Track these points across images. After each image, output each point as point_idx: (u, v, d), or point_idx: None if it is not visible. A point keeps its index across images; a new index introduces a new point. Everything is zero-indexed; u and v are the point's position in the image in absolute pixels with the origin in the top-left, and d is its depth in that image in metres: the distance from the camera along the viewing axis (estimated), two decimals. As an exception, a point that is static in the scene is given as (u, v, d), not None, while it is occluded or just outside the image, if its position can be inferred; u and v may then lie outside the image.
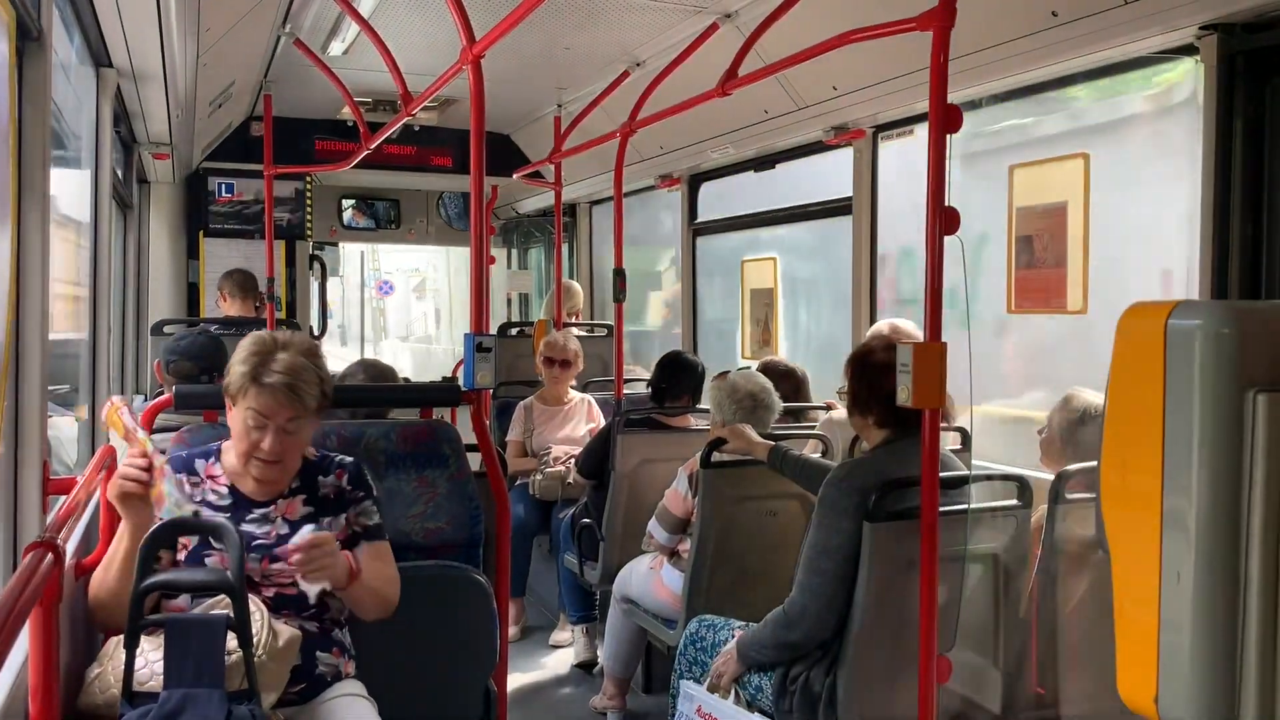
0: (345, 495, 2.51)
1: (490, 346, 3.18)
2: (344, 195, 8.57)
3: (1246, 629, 0.99)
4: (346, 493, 2.51)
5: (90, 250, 3.79)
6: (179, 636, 2.07)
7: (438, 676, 2.70)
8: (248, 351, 2.38)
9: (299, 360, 2.36)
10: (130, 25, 3.17)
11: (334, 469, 2.53)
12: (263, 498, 2.44)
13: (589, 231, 8.31)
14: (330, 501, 2.49)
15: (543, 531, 5.44)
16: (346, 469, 2.54)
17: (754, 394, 3.77)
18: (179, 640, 2.07)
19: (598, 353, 6.56)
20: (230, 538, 2.20)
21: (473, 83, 3.25)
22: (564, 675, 4.87)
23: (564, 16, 4.65)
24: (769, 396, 3.80)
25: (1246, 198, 2.97)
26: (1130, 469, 1.06)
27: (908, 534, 2.59)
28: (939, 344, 2.31)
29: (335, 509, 2.49)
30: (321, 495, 2.49)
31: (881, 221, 4.72)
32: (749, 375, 3.92)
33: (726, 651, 2.98)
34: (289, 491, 2.46)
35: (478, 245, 3.35)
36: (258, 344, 2.39)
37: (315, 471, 2.51)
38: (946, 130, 2.28)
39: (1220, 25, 2.93)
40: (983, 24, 3.36)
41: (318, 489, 2.49)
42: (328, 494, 2.50)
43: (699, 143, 5.63)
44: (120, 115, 4.44)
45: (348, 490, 2.52)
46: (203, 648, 2.06)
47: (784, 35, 3.72)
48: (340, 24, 4.98)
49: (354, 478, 2.54)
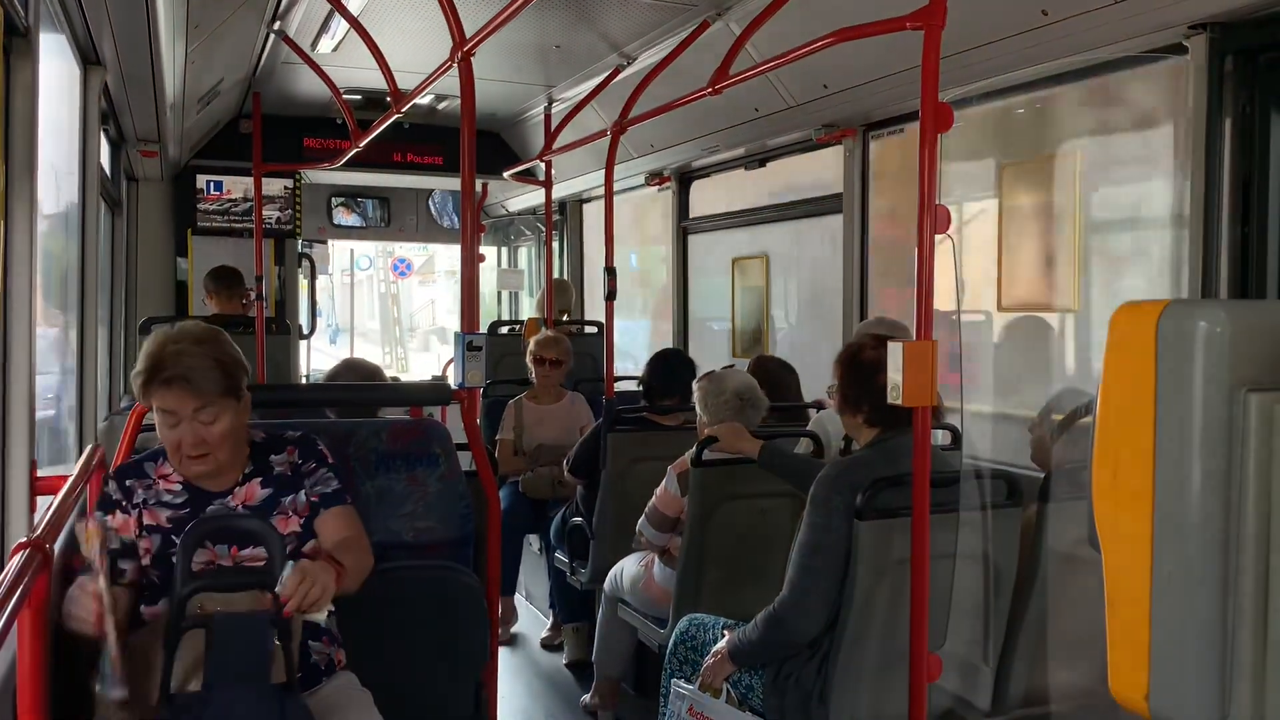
0: (299, 470, 2.51)
1: (481, 345, 3.18)
2: (333, 193, 8.55)
3: (1238, 627, 0.99)
4: (300, 466, 2.51)
5: (78, 248, 3.77)
6: (223, 634, 2.07)
7: (428, 676, 2.69)
8: (143, 356, 2.34)
9: (190, 349, 2.32)
10: (118, 22, 3.15)
11: (284, 446, 2.53)
12: (218, 488, 2.43)
13: (580, 229, 8.31)
14: (287, 479, 2.49)
15: (533, 531, 5.43)
16: (296, 444, 2.54)
17: (740, 393, 3.76)
18: (223, 638, 2.06)
19: (589, 351, 6.55)
20: (271, 538, 2.22)
21: (463, 80, 3.24)
22: (555, 675, 4.86)
23: (554, 14, 4.65)
24: (755, 395, 3.80)
25: (1235, 196, 2.98)
26: (1122, 467, 1.06)
27: (898, 532, 2.59)
28: (930, 342, 2.31)
29: (292, 486, 2.49)
30: (277, 474, 2.49)
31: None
32: (735, 373, 3.92)
33: (717, 651, 2.98)
34: (243, 477, 2.46)
35: (468, 243, 3.34)
36: (151, 345, 2.35)
37: (266, 452, 2.51)
38: (938, 129, 2.28)
39: (1209, 24, 2.93)
40: (973, 23, 3.36)
41: (271, 469, 2.49)
42: (283, 472, 2.49)
43: (690, 140, 5.62)
44: (108, 112, 4.42)
45: (301, 464, 2.51)
46: (247, 645, 2.07)
47: (775, 34, 3.72)
48: (330, 21, 4.95)
49: (305, 450, 2.54)
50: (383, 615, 2.56)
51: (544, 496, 5.23)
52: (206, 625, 2.08)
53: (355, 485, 2.75)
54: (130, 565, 2.35)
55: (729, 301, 6.10)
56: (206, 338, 2.38)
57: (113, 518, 2.37)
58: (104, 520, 2.34)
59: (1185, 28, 2.98)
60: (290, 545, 2.41)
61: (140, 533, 2.37)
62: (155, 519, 2.38)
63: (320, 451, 2.56)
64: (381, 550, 2.62)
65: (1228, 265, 3.00)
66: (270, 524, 2.30)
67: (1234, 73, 2.96)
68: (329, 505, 2.50)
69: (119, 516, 2.37)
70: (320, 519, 2.48)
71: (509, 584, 5.24)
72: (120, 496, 2.40)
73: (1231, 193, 2.98)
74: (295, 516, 2.47)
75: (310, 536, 2.48)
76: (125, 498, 2.39)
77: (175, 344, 2.33)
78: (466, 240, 3.33)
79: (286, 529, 2.42)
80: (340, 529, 2.48)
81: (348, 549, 2.46)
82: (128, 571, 2.35)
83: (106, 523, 2.34)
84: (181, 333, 2.37)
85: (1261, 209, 2.96)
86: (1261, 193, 2.96)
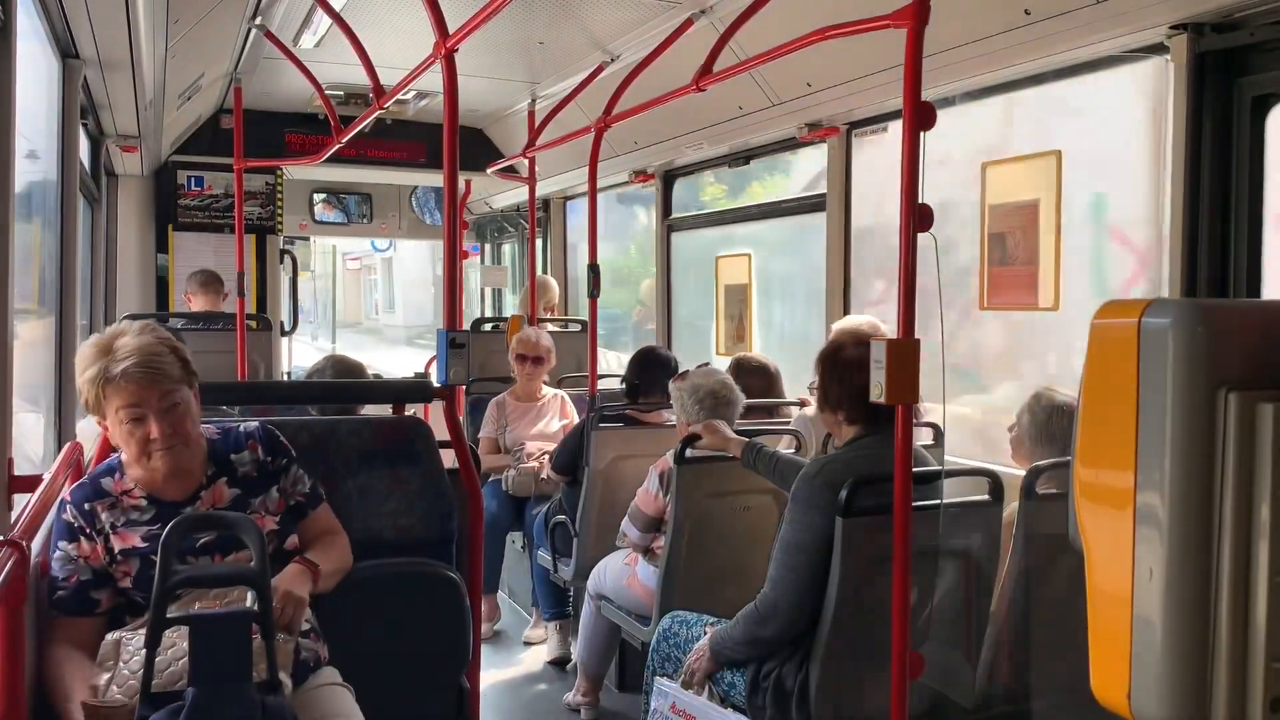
0: (267, 468, 2.47)
1: (464, 342, 3.16)
2: (315, 189, 8.50)
3: (1218, 626, 1.00)
4: (267, 464, 2.47)
5: (58, 244, 3.74)
6: (204, 632, 2.04)
7: (410, 674, 2.68)
8: (88, 359, 2.26)
9: (141, 340, 2.27)
10: (97, 16, 3.12)
11: (244, 442, 2.47)
12: (182, 496, 2.37)
13: (563, 226, 8.29)
14: (253, 479, 2.44)
15: (516, 528, 5.42)
16: (258, 438, 2.49)
17: (715, 391, 3.76)
18: (205, 636, 2.04)
19: (572, 348, 6.54)
20: (249, 529, 2.16)
21: (445, 77, 3.22)
22: (537, 672, 4.86)
23: (538, 10, 4.63)
24: (730, 393, 3.80)
25: (1215, 196, 3.00)
26: (1104, 466, 1.06)
27: (880, 529, 2.60)
28: (912, 340, 2.31)
29: (261, 485, 2.45)
30: (242, 474, 2.44)
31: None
32: (709, 372, 3.92)
33: (699, 648, 2.98)
34: (207, 480, 2.41)
35: (450, 240, 3.32)
36: (92, 348, 2.28)
37: (225, 451, 2.45)
38: (920, 127, 2.28)
39: (1190, 25, 2.95)
40: (956, 22, 3.37)
41: (235, 469, 2.44)
42: (248, 471, 2.45)
43: (674, 138, 5.62)
44: (87, 107, 4.38)
45: (268, 461, 2.48)
46: (229, 642, 2.04)
47: (759, 31, 3.72)
48: (312, 16, 4.93)
49: (269, 446, 2.49)
50: (365, 614, 2.55)
51: (527, 494, 5.23)
52: (188, 624, 2.06)
53: (337, 483, 2.74)
54: (104, 594, 2.29)
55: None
56: (144, 329, 2.32)
57: (77, 546, 2.28)
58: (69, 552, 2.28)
59: (1166, 28, 3.00)
60: (272, 544, 2.39)
61: (113, 560, 2.30)
62: (128, 541, 2.31)
63: (283, 444, 2.52)
64: (363, 548, 2.61)
65: (1208, 264, 3.01)
66: (250, 519, 2.25)
67: (1214, 73, 2.98)
68: (313, 506, 2.50)
69: (84, 545, 2.29)
70: (306, 522, 2.48)
71: (491, 582, 5.23)
72: (82, 523, 2.30)
73: (1211, 192, 3.00)
74: (270, 516, 2.44)
75: (289, 533, 2.46)
76: (88, 523, 2.30)
77: (121, 338, 2.27)
78: (449, 237, 3.31)
79: (265, 528, 2.38)
80: (320, 530, 2.48)
81: (327, 549, 2.45)
82: (101, 601, 2.29)
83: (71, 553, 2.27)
84: (117, 329, 2.32)
85: (1241, 208, 2.98)
86: (1241, 191, 2.98)
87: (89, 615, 2.28)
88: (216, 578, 2.22)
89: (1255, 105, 2.95)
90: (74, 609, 2.27)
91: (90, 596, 2.28)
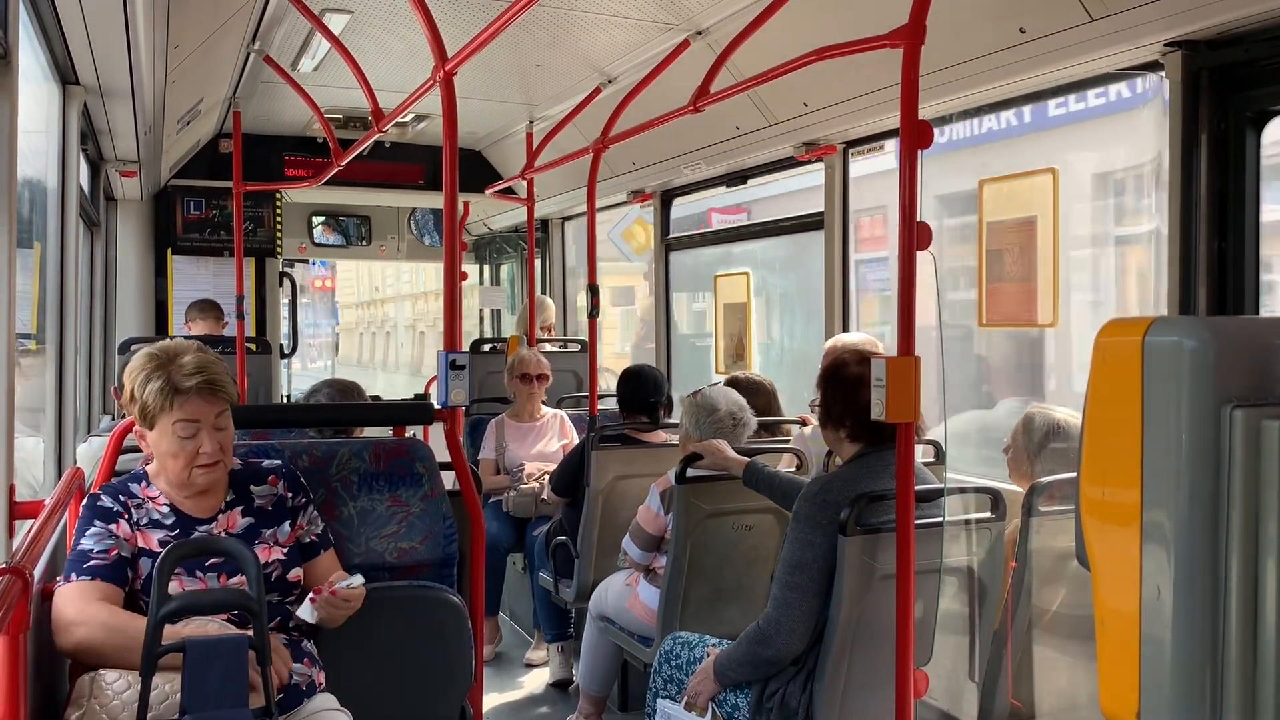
0: (287, 504, 2.51)
1: (464, 364, 3.16)
2: (314, 212, 8.52)
3: (1227, 643, 1.00)
4: (288, 500, 2.51)
5: (57, 269, 3.74)
6: (201, 659, 2.04)
7: (413, 697, 2.67)
8: (149, 370, 2.31)
9: (204, 356, 2.35)
10: (98, 42, 3.14)
11: (266, 476, 2.53)
12: (203, 514, 2.42)
13: (561, 247, 8.31)
14: (269, 512, 2.48)
15: (517, 549, 5.41)
16: (280, 475, 2.54)
17: (732, 414, 3.78)
18: (201, 663, 2.03)
19: (572, 368, 6.54)
20: (246, 558, 2.17)
21: (444, 100, 3.24)
22: (540, 694, 4.84)
23: (535, 34, 4.66)
24: (744, 414, 3.81)
25: (1212, 213, 3.01)
26: (1109, 484, 1.06)
27: (882, 547, 2.59)
28: (913, 358, 2.31)
29: (277, 518, 2.48)
30: (258, 506, 2.48)
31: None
32: (725, 393, 3.91)
33: (702, 669, 2.97)
34: (226, 505, 2.45)
35: (450, 262, 3.33)
36: (153, 359, 2.33)
37: (246, 482, 2.50)
38: (917, 146, 2.30)
39: (1185, 42, 2.96)
40: (952, 40, 3.39)
41: (252, 499, 2.48)
42: (264, 505, 2.49)
43: (672, 159, 5.64)
44: (87, 133, 4.40)
45: (289, 497, 2.52)
46: (226, 669, 2.04)
47: (755, 52, 3.74)
48: (311, 40, 4.95)
49: (292, 483, 2.54)
50: (366, 637, 2.54)
51: (528, 515, 5.22)
52: (183, 649, 2.05)
53: (337, 506, 2.74)
54: (133, 578, 2.32)
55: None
56: (201, 347, 2.40)
57: (117, 527, 2.32)
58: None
59: (1161, 45, 3.01)
60: (275, 572, 2.43)
61: (136, 554, 2.34)
62: (148, 542, 2.35)
63: (304, 485, 2.58)
64: (364, 572, 2.60)
65: (1205, 281, 3.02)
66: (246, 547, 2.24)
67: (1210, 90, 2.99)
68: (324, 548, 2.57)
69: (123, 526, 2.33)
70: (315, 562, 2.53)
71: (492, 603, 5.21)
72: (119, 508, 2.36)
73: (1208, 208, 3.01)
74: (278, 547, 2.47)
75: (294, 565, 2.48)
76: (124, 509, 2.36)
77: (185, 354, 2.33)
78: (449, 258, 3.32)
79: (270, 557, 2.43)
80: (325, 574, 2.53)
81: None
82: (133, 583, 2.31)
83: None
84: (181, 344, 2.38)
85: (1238, 224, 2.99)
86: (1237, 208, 2.99)
87: (124, 588, 2.29)
88: (213, 604, 2.22)
89: (1251, 122, 2.96)
90: (112, 577, 2.27)
91: (126, 573, 2.30)
